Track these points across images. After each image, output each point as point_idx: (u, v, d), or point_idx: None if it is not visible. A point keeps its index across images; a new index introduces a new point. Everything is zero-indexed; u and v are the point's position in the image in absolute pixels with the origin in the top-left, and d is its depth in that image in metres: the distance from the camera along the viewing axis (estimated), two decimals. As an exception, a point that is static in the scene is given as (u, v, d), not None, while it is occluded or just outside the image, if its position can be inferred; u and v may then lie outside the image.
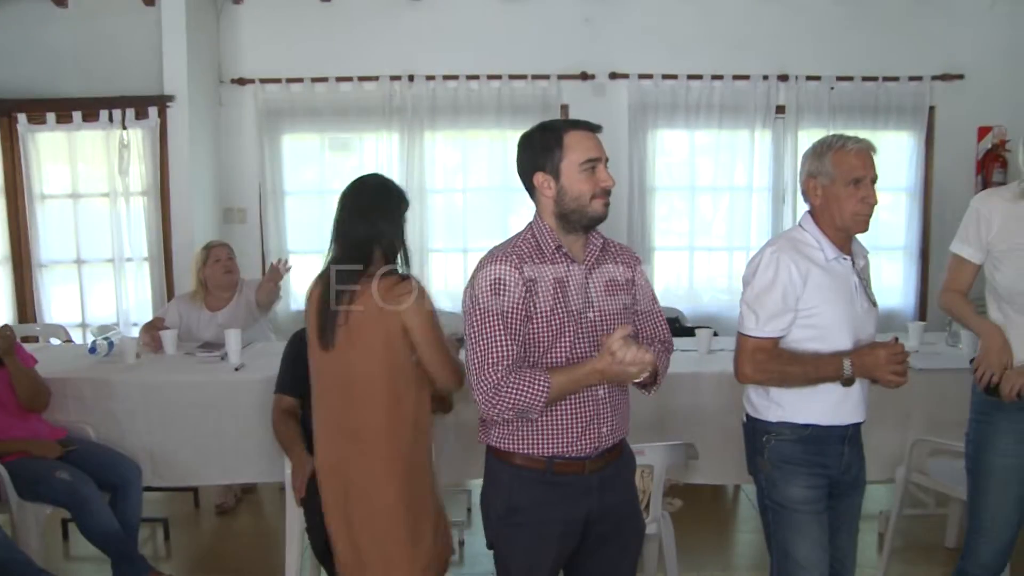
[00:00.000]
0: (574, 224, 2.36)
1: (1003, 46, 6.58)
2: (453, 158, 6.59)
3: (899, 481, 4.00)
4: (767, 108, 6.46)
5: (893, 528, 4.08)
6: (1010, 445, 2.85)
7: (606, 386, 2.39)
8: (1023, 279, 2.80)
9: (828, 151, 2.61)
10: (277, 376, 3.75)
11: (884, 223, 6.64)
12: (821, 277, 2.59)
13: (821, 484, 2.66)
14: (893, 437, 4.05)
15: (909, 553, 4.34)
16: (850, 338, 2.62)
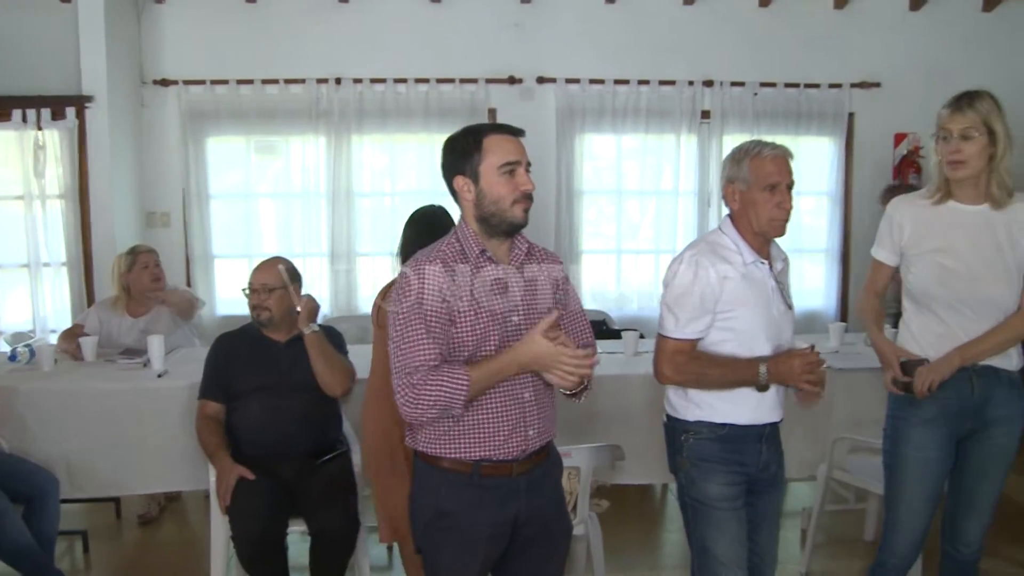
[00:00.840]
0: (495, 228, 2.35)
1: (917, 56, 6.79)
2: (381, 162, 6.55)
3: (820, 478, 4.09)
4: (692, 113, 6.57)
5: (815, 524, 4.17)
6: (924, 439, 2.93)
7: (532, 389, 2.39)
8: (933, 282, 2.88)
9: (745, 157, 2.66)
10: (201, 381, 3.69)
11: (806, 226, 6.80)
12: (739, 281, 2.63)
13: (739, 482, 2.70)
14: (815, 436, 4.15)
15: (831, 547, 4.44)
16: (767, 341, 2.67)
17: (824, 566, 4.25)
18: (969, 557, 3.07)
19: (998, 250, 2.83)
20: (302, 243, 6.46)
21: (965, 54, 6.79)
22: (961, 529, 3.05)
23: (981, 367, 2.87)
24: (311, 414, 3.61)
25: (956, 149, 2.78)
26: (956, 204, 2.87)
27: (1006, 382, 2.90)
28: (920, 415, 2.92)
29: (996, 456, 2.94)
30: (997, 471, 2.96)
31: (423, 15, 6.44)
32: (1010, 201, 2.83)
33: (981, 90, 2.80)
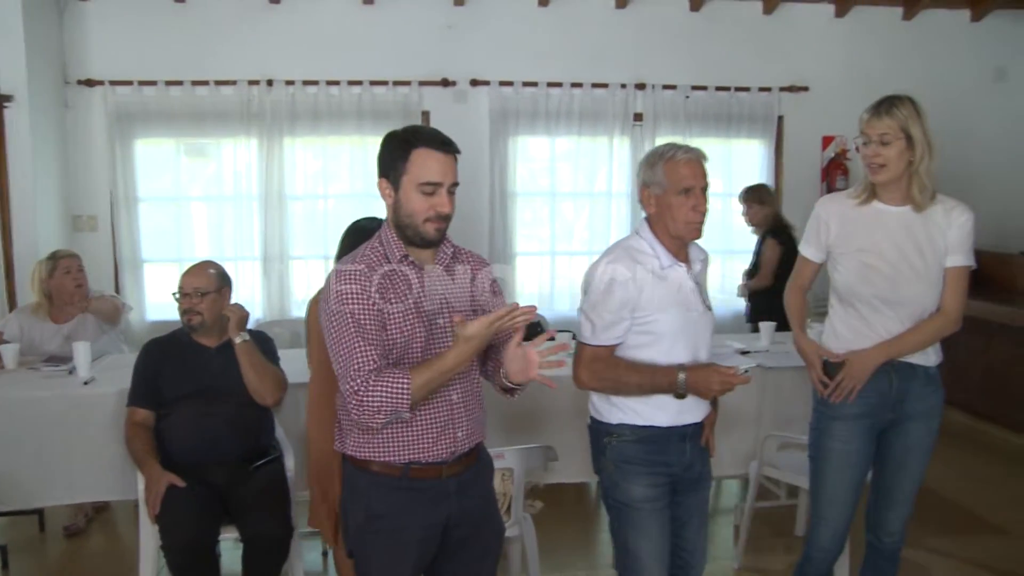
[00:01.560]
0: (410, 239, 2.35)
1: (843, 61, 6.97)
2: (314, 164, 6.50)
3: (752, 475, 4.16)
4: (625, 116, 6.64)
5: (747, 519, 4.24)
6: (846, 432, 3.00)
7: (460, 391, 2.40)
8: (857, 280, 2.95)
9: (660, 161, 2.67)
10: (130, 388, 3.62)
11: (737, 227, 6.88)
12: (656, 285, 2.65)
13: (662, 483, 2.73)
14: (746, 433, 4.22)
15: (763, 543, 4.51)
16: (686, 344, 2.70)
17: (756, 561, 4.32)
18: (891, 546, 3.15)
19: (920, 251, 2.91)
20: (234, 247, 6.38)
21: (888, 59, 7.01)
22: (883, 520, 3.12)
23: (900, 363, 2.94)
24: (243, 419, 3.56)
25: (875, 153, 2.85)
26: (880, 205, 2.94)
27: (923, 377, 2.98)
28: (842, 409, 2.99)
29: (915, 449, 3.02)
30: (916, 463, 3.04)
31: (356, 17, 6.41)
32: (931, 203, 2.91)
33: (902, 95, 2.87)
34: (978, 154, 7.07)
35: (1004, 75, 7.32)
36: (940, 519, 4.74)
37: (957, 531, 4.64)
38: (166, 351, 3.67)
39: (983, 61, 7.29)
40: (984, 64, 7.30)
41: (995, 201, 6.95)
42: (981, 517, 4.84)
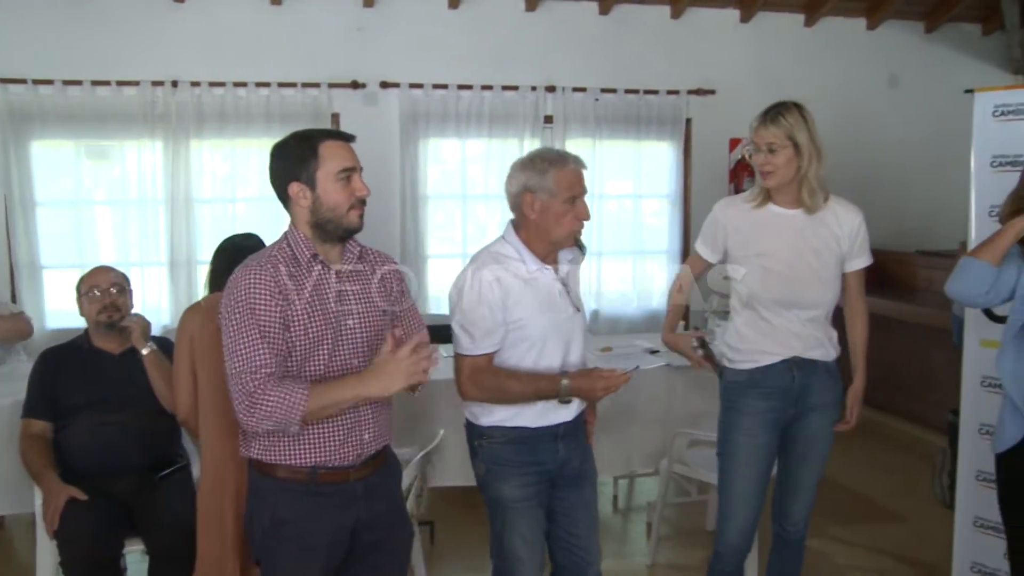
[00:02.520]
0: (330, 234, 2.34)
1: (749, 64, 7.12)
2: (222, 167, 6.37)
3: (663, 472, 4.22)
4: (535, 118, 6.67)
5: (659, 516, 4.32)
6: (752, 426, 3.07)
7: None
8: (756, 284, 3.02)
9: (550, 168, 2.67)
10: (25, 399, 3.49)
11: (648, 228, 7.02)
12: (524, 289, 2.67)
13: (534, 482, 2.77)
14: (657, 431, 4.29)
15: (675, 539, 4.60)
16: (557, 345, 2.75)
17: (669, 557, 4.40)
18: (795, 536, 3.25)
19: (815, 252, 2.99)
20: (140, 251, 6.20)
21: (791, 64, 7.19)
22: (787, 510, 3.22)
23: (801, 360, 3.03)
24: (147, 428, 3.46)
25: (764, 160, 2.93)
26: (775, 208, 3.01)
27: (823, 372, 3.07)
28: (748, 404, 3.07)
29: (816, 441, 3.12)
30: (817, 455, 3.14)
31: (263, 18, 6.31)
32: (824, 205, 2.99)
33: (788, 103, 2.95)
34: (876, 156, 7.31)
35: (897, 81, 7.59)
36: (842, 509, 4.89)
37: (858, 519, 4.80)
38: (64, 359, 3.56)
39: (878, 67, 7.54)
40: (879, 70, 7.55)
41: (892, 201, 7.22)
42: (880, 505, 5.02)
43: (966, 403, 3.76)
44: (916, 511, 4.86)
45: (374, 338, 2.39)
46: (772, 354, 3.03)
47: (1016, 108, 3.51)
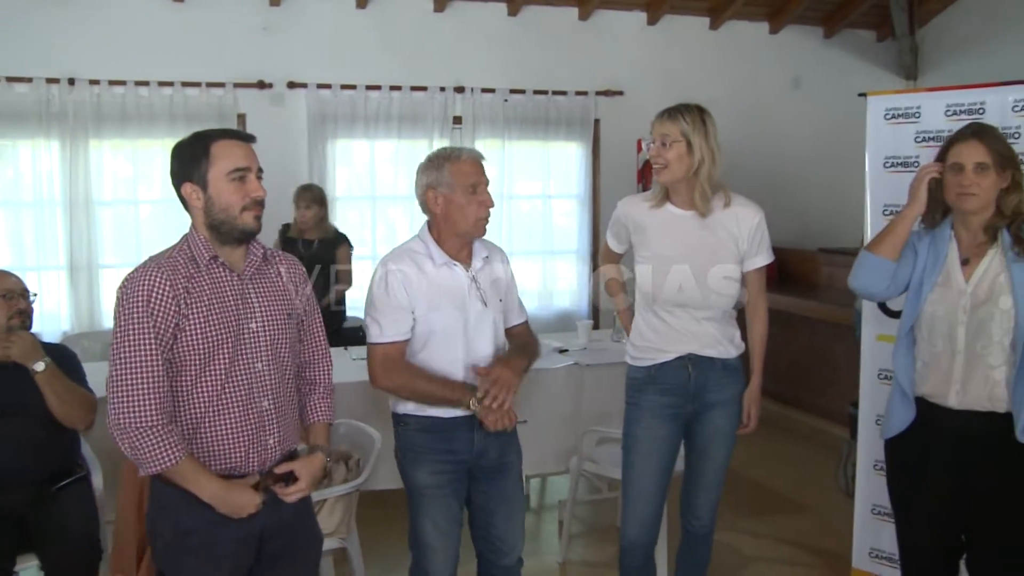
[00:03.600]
0: (226, 236, 2.30)
1: (656, 66, 7.24)
2: (124, 169, 6.20)
3: (572, 470, 4.26)
4: (444, 119, 6.67)
5: (570, 514, 4.35)
6: (652, 421, 3.12)
7: (271, 397, 2.35)
8: (656, 284, 3.05)
9: (445, 163, 2.78)
10: None
11: (557, 228, 7.08)
12: (430, 283, 2.77)
13: (447, 470, 2.84)
14: (566, 429, 4.31)
15: (587, 537, 4.63)
16: (463, 342, 2.82)
17: (581, 554, 4.43)
18: (701, 529, 3.30)
19: (713, 252, 3.03)
20: (36, 255, 6.00)
21: (697, 66, 7.34)
22: (693, 504, 3.27)
23: (697, 357, 3.07)
24: (39, 438, 3.28)
25: (657, 153, 2.97)
26: (672, 208, 3.05)
27: (721, 369, 3.11)
28: (647, 400, 3.11)
29: (716, 436, 3.17)
30: (719, 449, 3.19)
31: (165, 14, 6.16)
32: (724, 208, 3.03)
33: (693, 104, 3.00)
34: (779, 157, 7.51)
35: (799, 83, 7.81)
36: (749, 501, 5.00)
37: (765, 511, 4.91)
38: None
39: (782, 70, 7.75)
40: (783, 73, 7.76)
41: (795, 201, 7.41)
42: (786, 496, 5.15)
43: (864, 395, 3.88)
44: (820, 501, 4.99)
45: (277, 342, 2.37)
46: (667, 352, 3.08)
47: (905, 112, 3.64)
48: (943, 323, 2.70)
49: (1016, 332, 2.60)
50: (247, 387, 2.30)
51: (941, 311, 2.71)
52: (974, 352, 2.66)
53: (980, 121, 3.06)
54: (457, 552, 2.92)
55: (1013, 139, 3.34)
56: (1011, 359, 2.63)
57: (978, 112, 3.45)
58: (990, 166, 2.61)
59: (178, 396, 2.25)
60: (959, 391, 2.69)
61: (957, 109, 3.51)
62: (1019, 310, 2.59)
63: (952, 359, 2.69)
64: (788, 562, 4.32)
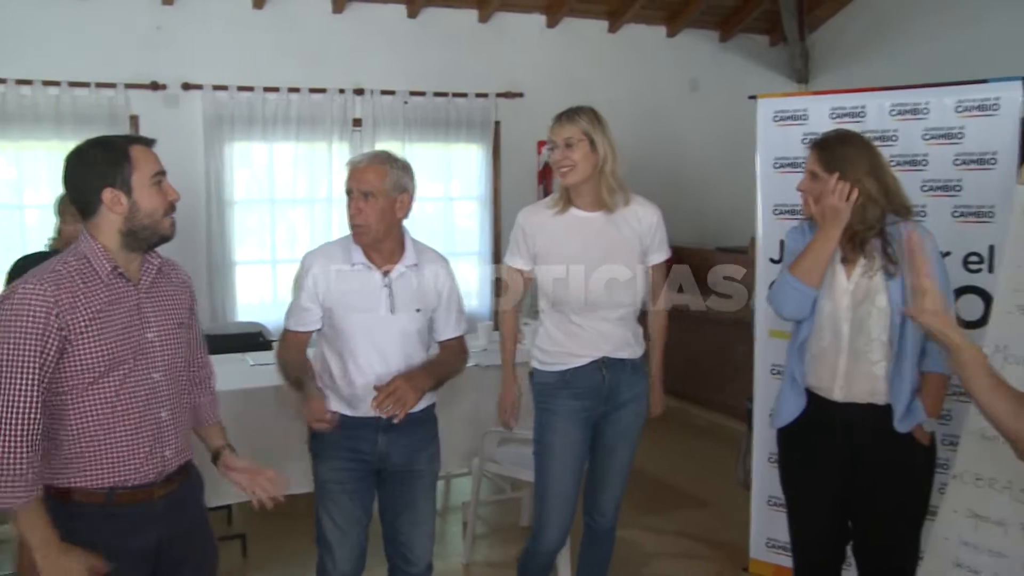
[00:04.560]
0: (142, 242, 2.24)
1: (556, 68, 7.29)
2: (7, 172, 5.95)
3: (475, 471, 4.27)
4: (344, 121, 6.61)
5: (474, 515, 4.36)
6: (566, 426, 3.14)
7: (169, 407, 2.30)
8: (565, 288, 3.08)
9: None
10: None
11: (459, 229, 7.09)
12: (341, 283, 2.83)
13: (351, 468, 2.89)
14: (468, 430, 4.31)
15: (492, 537, 4.65)
16: (373, 345, 2.85)
17: (485, 555, 4.44)
18: (604, 526, 3.35)
19: (618, 253, 3.08)
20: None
21: (596, 69, 7.42)
22: (597, 501, 3.31)
23: (610, 359, 3.12)
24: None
25: (563, 156, 3.00)
26: (577, 212, 3.09)
27: (630, 369, 3.18)
28: (561, 404, 3.14)
29: (625, 434, 3.22)
30: (625, 447, 3.24)
31: (50, 11, 5.92)
32: (625, 206, 3.10)
33: (583, 106, 3.06)
34: (678, 158, 7.65)
35: (697, 86, 7.97)
36: (651, 498, 5.08)
37: (666, 507, 5.00)
38: None
39: (678, 73, 7.90)
40: (680, 75, 7.91)
41: (693, 201, 7.57)
42: (687, 492, 5.25)
43: (758, 390, 3.99)
44: (720, 495, 5.09)
45: (173, 351, 2.33)
46: (581, 356, 3.11)
47: (793, 114, 3.76)
48: (830, 319, 2.80)
49: (892, 330, 2.72)
50: (145, 398, 2.24)
51: (828, 307, 2.80)
52: (857, 348, 2.77)
53: (845, 128, 3.13)
54: (359, 552, 2.94)
55: (891, 143, 3.49)
56: (890, 354, 2.74)
57: (859, 115, 3.59)
58: (822, 176, 2.70)
59: (69, 409, 2.17)
60: (843, 386, 2.79)
61: (840, 112, 3.64)
62: (894, 308, 2.70)
63: (837, 354, 2.79)
64: (689, 556, 4.41)
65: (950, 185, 3.46)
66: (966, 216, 3.44)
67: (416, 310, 2.90)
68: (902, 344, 2.70)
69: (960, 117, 3.44)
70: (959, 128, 3.43)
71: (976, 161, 3.41)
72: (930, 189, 3.49)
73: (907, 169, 3.48)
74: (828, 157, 2.72)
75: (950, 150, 3.45)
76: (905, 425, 2.73)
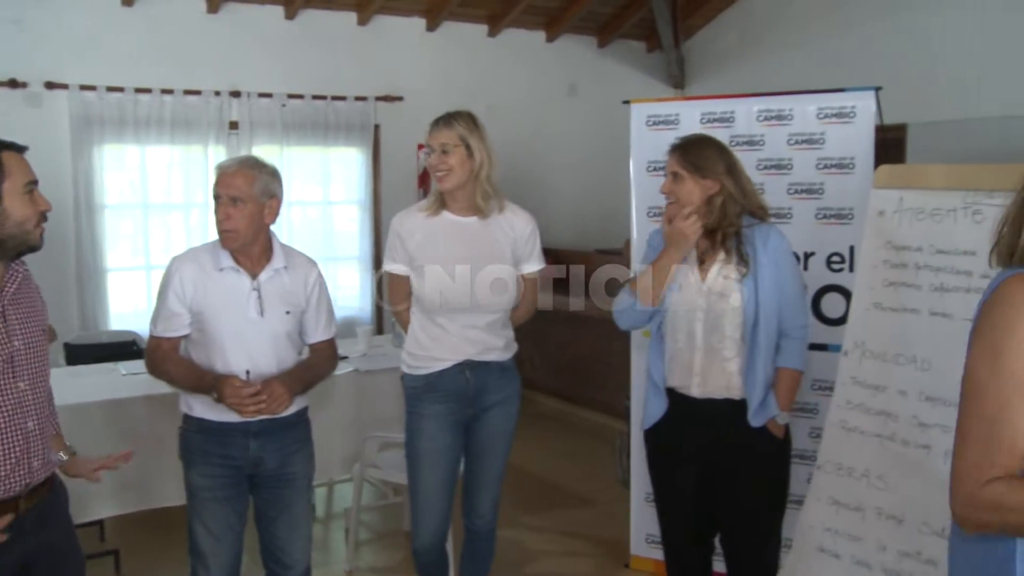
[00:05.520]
0: (9, 251, 2.17)
1: (435, 72, 7.31)
2: None
3: (356, 476, 4.23)
4: (220, 124, 6.47)
5: (356, 521, 4.32)
6: (434, 430, 3.15)
7: (35, 417, 2.23)
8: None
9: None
10: None
11: (339, 233, 7.03)
12: (209, 286, 2.80)
13: (220, 474, 2.85)
14: (349, 436, 4.29)
15: (375, 543, 4.62)
16: (242, 349, 2.82)
17: (369, 561, 4.41)
18: (484, 527, 3.36)
19: (490, 258, 3.09)
20: None
21: (476, 73, 7.47)
22: (476, 503, 3.32)
23: (475, 362, 3.13)
24: None
25: (440, 161, 3.00)
26: (450, 215, 3.10)
27: (497, 371, 3.19)
28: (428, 408, 3.14)
29: (496, 435, 3.24)
30: (498, 448, 3.26)
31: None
32: (499, 212, 3.12)
33: (461, 111, 3.07)
34: (558, 161, 7.77)
35: (576, 90, 8.09)
36: (533, 497, 5.13)
37: (549, 506, 5.05)
38: None
39: (558, 78, 8.01)
40: (559, 80, 8.02)
41: (573, 204, 7.69)
42: (569, 491, 5.32)
43: (635, 389, 4.07)
44: (601, 493, 5.18)
45: (38, 360, 2.26)
46: (444, 360, 3.11)
47: (665, 119, 3.86)
48: (683, 320, 2.91)
49: (745, 327, 2.84)
50: (11, 409, 2.17)
51: (682, 309, 2.91)
52: (711, 346, 2.88)
53: (701, 132, 3.23)
54: (235, 560, 2.91)
55: (758, 147, 3.63)
56: (743, 351, 2.86)
57: (729, 120, 3.71)
58: (684, 176, 2.84)
59: None
60: (700, 383, 2.91)
61: (711, 117, 3.76)
62: (747, 306, 2.82)
63: (692, 352, 2.90)
64: (572, 554, 4.47)
65: (813, 188, 3.62)
66: (828, 218, 3.60)
67: (286, 312, 2.88)
68: (754, 341, 2.83)
69: (821, 124, 3.60)
70: (820, 134, 3.59)
71: (836, 165, 3.57)
72: (795, 192, 3.64)
73: (773, 173, 3.64)
74: (689, 157, 2.84)
75: (813, 155, 3.61)
76: (758, 419, 2.85)
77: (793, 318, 2.90)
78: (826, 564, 2.98)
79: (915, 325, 2.82)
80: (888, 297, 2.91)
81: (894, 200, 2.92)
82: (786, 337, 2.89)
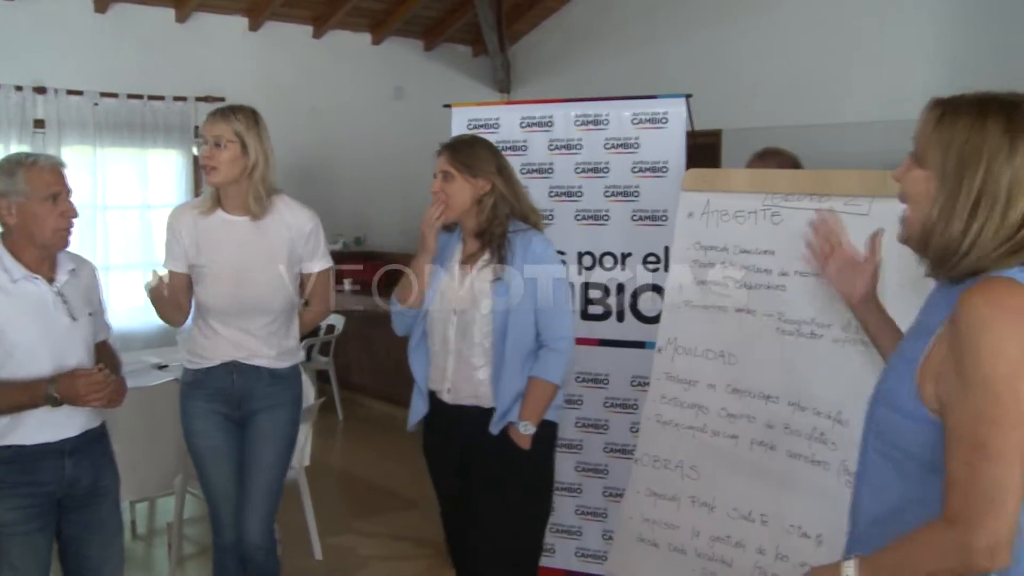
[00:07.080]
0: None
1: (259, 72, 7.16)
2: None
3: (178, 489, 4.09)
4: (23, 122, 6.13)
5: (179, 535, 4.18)
6: (206, 427, 3.07)
7: None
8: (208, 293, 2.99)
9: (19, 169, 2.56)
10: None
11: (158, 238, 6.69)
12: (5, 299, 2.55)
13: (30, 504, 2.61)
14: (169, 447, 4.13)
15: (200, 557, 4.45)
16: (49, 357, 2.60)
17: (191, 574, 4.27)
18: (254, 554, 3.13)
19: (264, 259, 2.99)
20: None
21: (300, 74, 7.37)
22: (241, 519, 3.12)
23: (242, 365, 3.03)
24: None
25: (210, 155, 2.87)
26: (224, 214, 2.97)
27: (267, 378, 3.07)
28: (197, 406, 3.07)
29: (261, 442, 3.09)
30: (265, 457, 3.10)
31: None
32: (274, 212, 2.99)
33: (246, 106, 2.97)
34: (382, 163, 7.74)
35: (402, 93, 8.10)
36: (363, 502, 5.12)
37: (378, 511, 5.03)
38: None
39: (384, 80, 7.99)
40: (385, 82, 8.00)
41: (400, 205, 7.68)
42: (396, 494, 5.30)
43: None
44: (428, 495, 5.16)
45: None
46: (212, 359, 3.03)
47: (486, 122, 3.91)
48: (439, 324, 2.89)
49: (495, 335, 2.82)
50: None
51: (438, 313, 2.89)
52: (460, 351, 2.87)
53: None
54: None
55: (576, 151, 3.74)
56: (491, 359, 2.84)
57: (548, 125, 3.80)
58: (455, 175, 2.81)
59: None
60: (451, 388, 2.90)
61: (530, 121, 3.84)
62: (496, 314, 2.80)
63: (446, 357, 2.89)
64: (401, 556, 4.47)
65: (629, 191, 3.75)
66: (644, 220, 3.74)
67: (89, 314, 2.74)
68: (503, 349, 2.80)
69: (636, 128, 3.73)
70: (635, 139, 3.72)
71: (650, 169, 3.71)
72: (612, 195, 3.76)
73: (590, 176, 3.75)
74: (460, 157, 2.81)
75: (628, 159, 3.74)
76: (496, 427, 2.83)
77: (552, 329, 2.83)
78: (645, 553, 3.08)
79: (722, 321, 2.96)
80: (697, 295, 3.04)
81: (701, 202, 3.06)
82: (545, 348, 2.84)
